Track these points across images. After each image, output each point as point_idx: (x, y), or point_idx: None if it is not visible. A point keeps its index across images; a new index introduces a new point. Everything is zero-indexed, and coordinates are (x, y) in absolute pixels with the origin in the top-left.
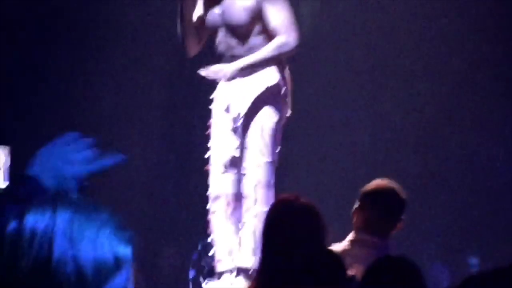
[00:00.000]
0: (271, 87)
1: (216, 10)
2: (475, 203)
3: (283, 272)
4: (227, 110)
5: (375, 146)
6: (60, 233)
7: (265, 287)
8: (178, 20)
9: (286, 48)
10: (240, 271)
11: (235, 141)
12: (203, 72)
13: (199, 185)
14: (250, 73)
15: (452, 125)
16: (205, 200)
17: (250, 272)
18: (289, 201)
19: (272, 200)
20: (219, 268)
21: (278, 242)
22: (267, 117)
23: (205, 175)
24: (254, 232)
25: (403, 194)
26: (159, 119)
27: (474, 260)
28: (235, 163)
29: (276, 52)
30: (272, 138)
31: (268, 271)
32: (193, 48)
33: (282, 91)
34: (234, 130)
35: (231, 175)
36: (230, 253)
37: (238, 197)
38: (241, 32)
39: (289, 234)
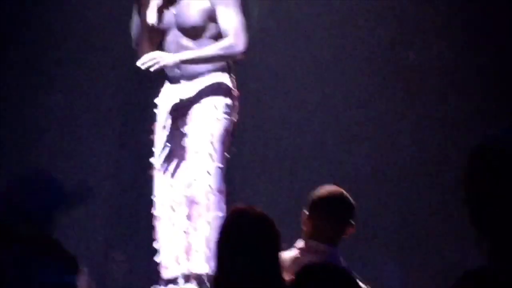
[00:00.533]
0: (219, 91)
1: (171, 10)
2: (424, 201)
3: (240, 281)
4: (173, 115)
5: (323, 146)
6: (7, 265)
7: None
8: (133, 24)
9: (232, 51)
10: (191, 277)
11: (182, 146)
12: (140, 62)
13: (149, 190)
14: (196, 77)
15: (402, 123)
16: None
17: (204, 278)
18: (243, 211)
19: (223, 205)
20: (165, 274)
21: (234, 252)
22: (216, 122)
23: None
24: (208, 239)
25: (350, 199)
26: (111, 121)
27: (427, 259)
28: (182, 168)
29: (221, 52)
30: (222, 144)
31: (225, 280)
32: (146, 51)
33: (230, 96)
34: (181, 135)
35: (177, 181)
36: (176, 259)
37: (184, 203)
38: (193, 34)
39: (244, 244)
